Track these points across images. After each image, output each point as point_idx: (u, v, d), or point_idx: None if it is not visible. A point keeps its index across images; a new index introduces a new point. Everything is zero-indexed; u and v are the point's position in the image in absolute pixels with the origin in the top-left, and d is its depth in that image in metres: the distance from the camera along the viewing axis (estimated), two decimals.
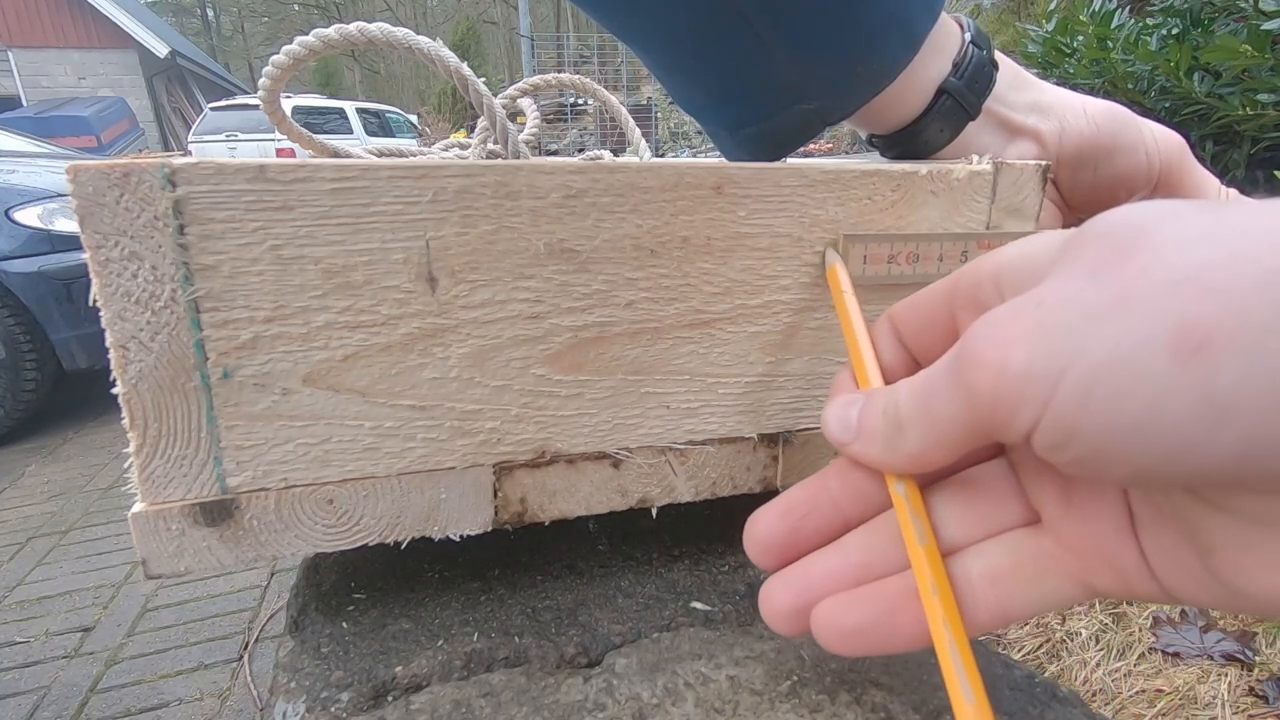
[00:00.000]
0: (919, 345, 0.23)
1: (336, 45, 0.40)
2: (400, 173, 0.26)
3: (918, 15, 0.32)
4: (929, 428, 0.18)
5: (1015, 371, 0.15)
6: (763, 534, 0.22)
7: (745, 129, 0.36)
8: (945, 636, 0.18)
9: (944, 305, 0.21)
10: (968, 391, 0.16)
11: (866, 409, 0.20)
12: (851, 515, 0.22)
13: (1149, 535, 0.17)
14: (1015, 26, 2.88)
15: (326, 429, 0.28)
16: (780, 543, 0.22)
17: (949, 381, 0.17)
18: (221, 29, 26.52)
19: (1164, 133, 0.36)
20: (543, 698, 0.28)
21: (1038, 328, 0.15)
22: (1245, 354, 0.13)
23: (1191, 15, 1.51)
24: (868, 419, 0.20)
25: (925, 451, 0.18)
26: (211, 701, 1.26)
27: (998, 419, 0.15)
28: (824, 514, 0.22)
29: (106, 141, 9.16)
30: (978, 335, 0.16)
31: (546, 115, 8.54)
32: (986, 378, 0.15)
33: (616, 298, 0.30)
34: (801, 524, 0.22)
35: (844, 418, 0.21)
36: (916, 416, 0.18)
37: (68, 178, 0.23)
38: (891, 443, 0.19)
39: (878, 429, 0.19)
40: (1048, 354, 0.14)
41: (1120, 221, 0.15)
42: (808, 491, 0.22)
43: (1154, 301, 0.14)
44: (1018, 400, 0.15)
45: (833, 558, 0.21)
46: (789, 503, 0.22)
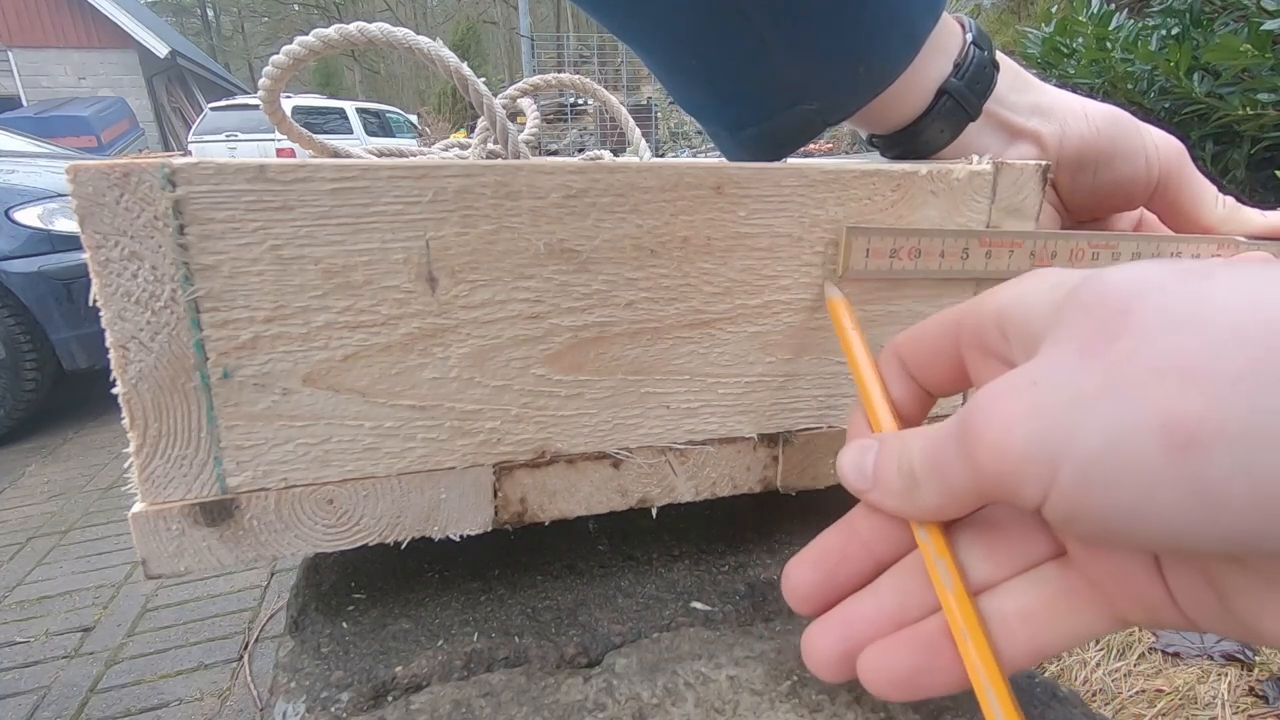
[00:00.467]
0: (926, 378, 0.23)
1: (336, 45, 0.40)
2: (400, 173, 0.26)
3: (919, 15, 0.32)
4: (942, 488, 0.18)
5: (1015, 453, 0.15)
6: (799, 584, 0.23)
7: (746, 129, 0.36)
8: (982, 680, 0.18)
9: (949, 342, 0.21)
10: (974, 465, 0.16)
11: (881, 459, 0.20)
12: (883, 556, 0.22)
13: (1172, 575, 0.17)
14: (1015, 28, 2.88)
15: (326, 429, 0.28)
16: (817, 591, 0.22)
17: (956, 450, 0.17)
18: (221, 29, 26.52)
19: (1164, 139, 0.36)
20: (543, 698, 0.28)
21: (1033, 409, 0.15)
22: (1230, 450, 0.13)
23: (1191, 15, 1.51)
24: (883, 470, 0.20)
25: (941, 507, 0.19)
26: (211, 701, 1.26)
27: (1005, 492, 0.16)
28: (856, 559, 0.22)
29: (106, 141, 9.16)
30: (979, 410, 0.16)
31: (546, 115, 8.53)
32: (989, 456, 0.16)
33: (616, 298, 0.30)
34: (835, 570, 0.22)
35: (860, 465, 0.21)
36: (929, 477, 0.18)
37: (68, 178, 0.23)
38: (908, 496, 0.19)
39: (893, 482, 0.20)
40: (1043, 437, 0.15)
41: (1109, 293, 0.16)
42: (838, 537, 0.22)
43: (1139, 391, 0.14)
44: (1021, 479, 0.15)
45: (869, 602, 0.21)
46: (821, 551, 0.23)
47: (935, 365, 0.22)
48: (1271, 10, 1.31)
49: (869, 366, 0.24)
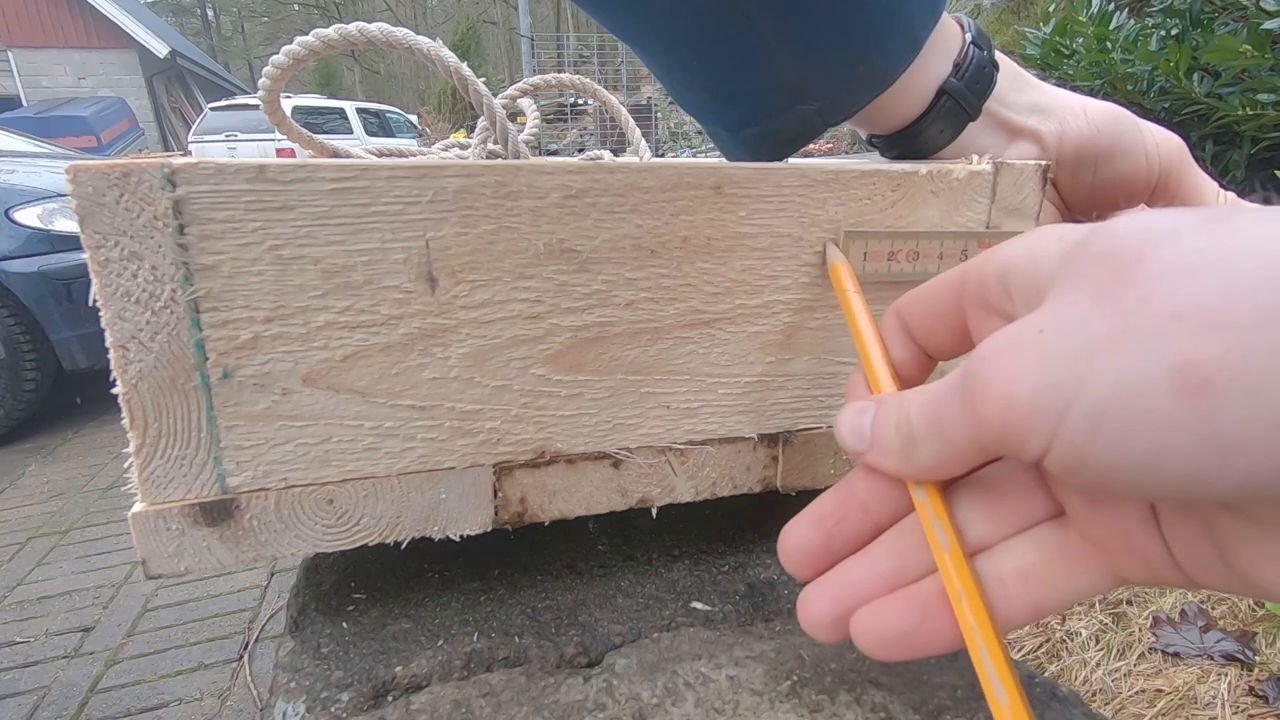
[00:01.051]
0: (928, 340, 0.23)
1: (336, 45, 0.40)
2: (400, 173, 0.26)
3: (920, 15, 0.32)
4: (941, 445, 0.18)
5: (1021, 403, 0.15)
6: (796, 545, 0.22)
7: (747, 129, 0.36)
8: (976, 641, 0.18)
9: (952, 300, 0.21)
10: (977, 419, 0.16)
11: (879, 419, 0.20)
12: (881, 518, 0.22)
13: (1171, 529, 0.17)
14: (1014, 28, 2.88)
15: (326, 429, 0.28)
16: (814, 552, 0.22)
17: (958, 404, 0.17)
18: (221, 29, 26.53)
19: (1164, 135, 0.36)
20: (543, 698, 0.28)
21: (1041, 358, 0.15)
22: (1247, 394, 0.13)
23: (1191, 15, 1.51)
24: (880, 430, 0.20)
25: (940, 465, 0.18)
26: (211, 701, 1.26)
27: (1008, 445, 0.16)
28: (854, 520, 0.22)
29: (106, 141, 9.17)
30: (984, 362, 0.16)
31: (546, 115, 8.54)
32: (994, 409, 0.16)
33: (616, 298, 0.30)
34: (833, 532, 0.22)
35: (857, 426, 0.21)
36: (928, 434, 0.18)
37: (68, 178, 0.23)
38: (906, 455, 0.19)
39: (891, 441, 0.19)
40: (1051, 386, 0.15)
41: (1120, 241, 0.15)
42: (835, 499, 0.22)
43: (1154, 336, 0.14)
44: (1026, 431, 0.15)
45: (865, 563, 0.21)
46: (818, 512, 0.22)
47: (938, 326, 0.22)
48: (1271, 10, 1.31)
49: (870, 329, 0.24)
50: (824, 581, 0.22)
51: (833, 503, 0.22)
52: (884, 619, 0.20)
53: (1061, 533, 0.19)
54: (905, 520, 0.21)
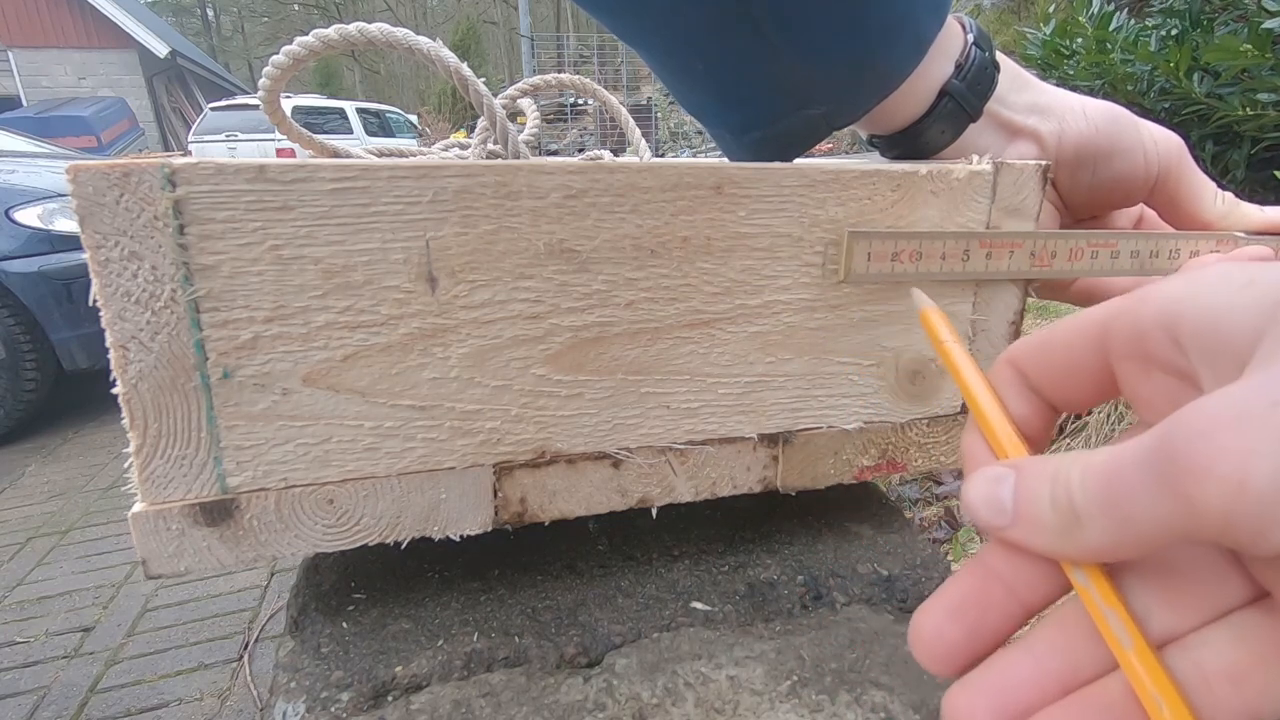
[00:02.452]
0: (1056, 392, 0.20)
1: (336, 45, 0.40)
2: (400, 173, 0.26)
3: (925, 18, 0.32)
4: (1119, 526, 0.15)
5: (1259, 490, 0.13)
6: (935, 639, 0.19)
7: (752, 133, 0.35)
8: None
9: (1093, 351, 0.18)
10: (1186, 504, 0.14)
11: (1023, 490, 0.17)
12: (1031, 601, 0.18)
13: None
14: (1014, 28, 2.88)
15: (326, 429, 0.28)
16: (959, 649, 0.19)
17: (1153, 484, 0.15)
18: (221, 29, 26.53)
19: (1163, 134, 0.36)
20: (543, 698, 0.28)
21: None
22: None
23: (1191, 15, 1.51)
24: (1028, 504, 0.17)
25: (1111, 548, 0.16)
26: (211, 701, 1.26)
27: (1229, 535, 0.14)
28: (1000, 607, 0.18)
29: (106, 141, 9.17)
30: (1196, 436, 0.14)
31: (546, 115, 8.54)
32: (1219, 495, 0.13)
33: (616, 298, 0.30)
34: (979, 622, 0.18)
35: (994, 499, 0.18)
36: (1102, 513, 0.16)
37: (68, 178, 0.23)
38: (1066, 534, 0.16)
39: (1045, 517, 0.17)
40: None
41: None
42: (974, 581, 0.19)
43: None
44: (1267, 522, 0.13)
45: (1026, 661, 0.18)
46: (955, 600, 0.19)
47: (1069, 378, 0.19)
48: (1271, 10, 1.31)
49: (982, 383, 0.21)
50: (977, 682, 0.18)
51: (971, 585, 0.19)
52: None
53: (1272, 622, 0.16)
54: (1065, 604, 0.18)
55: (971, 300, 0.35)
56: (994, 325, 0.36)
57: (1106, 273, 0.35)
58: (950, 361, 0.22)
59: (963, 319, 0.35)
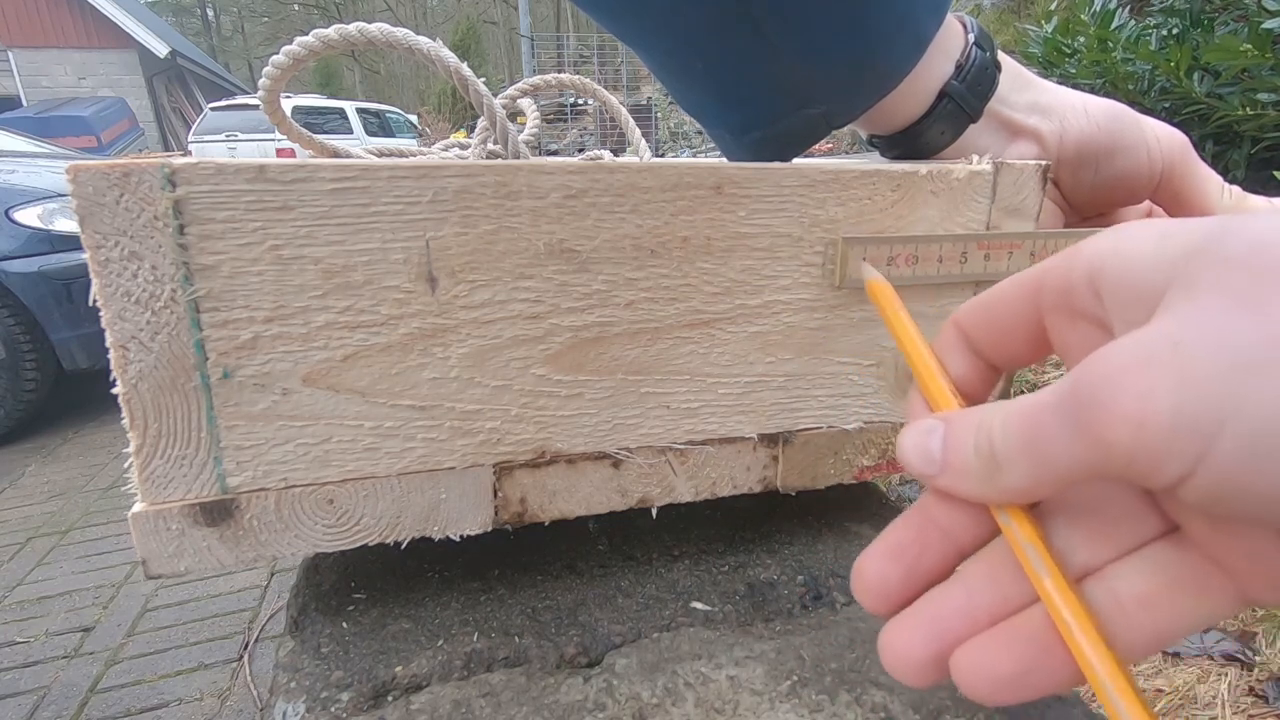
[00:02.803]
0: (995, 350, 0.21)
1: (336, 45, 0.40)
2: (400, 173, 0.26)
3: (925, 17, 0.32)
4: (1036, 467, 0.16)
5: (1159, 426, 0.14)
6: (875, 580, 0.20)
7: (751, 133, 0.35)
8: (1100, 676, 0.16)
9: (1027, 306, 0.19)
10: (1095, 441, 0.15)
11: (951, 439, 0.18)
12: (965, 543, 0.20)
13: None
14: (1015, 26, 2.88)
15: (326, 429, 0.28)
16: (898, 587, 0.20)
17: (1066, 425, 0.15)
18: (221, 29, 26.53)
19: (1166, 131, 0.36)
20: (543, 698, 0.28)
21: (1181, 376, 0.14)
22: None
23: (1191, 15, 1.51)
24: (955, 452, 0.18)
25: (1029, 489, 0.17)
26: (211, 701, 1.26)
27: (1134, 470, 0.14)
28: (936, 549, 0.20)
29: (106, 141, 9.16)
30: (1104, 379, 0.15)
31: (546, 115, 8.53)
32: (1124, 432, 0.14)
33: (616, 298, 0.30)
34: (916, 563, 0.19)
35: (924, 449, 0.19)
36: (1020, 454, 0.16)
37: (68, 178, 0.23)
38: (988, 478, 0.17)
39: (969, 463, 0.18)
40: (1198, 407, 0.13)
41: (1261, 243, 0.14)
42: (912, 526, 0.20)
43: None
44: (1164, 455, 0.14)
45: (959, 594, 0.19)
46: (894, 542, 0.20)
47: (1008, 334, 0.20)
48: (1271, 10, 1.31)
49: (922, 344, 0.22)
50: (913, 616, 0.19)
51: (910, 531, 0.20)
52: (995, 657, 0.17)
53: (1181, 554, 0.17)
54: (996, 544, 0.19)
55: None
56: None
57: None
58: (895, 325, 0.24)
59: None
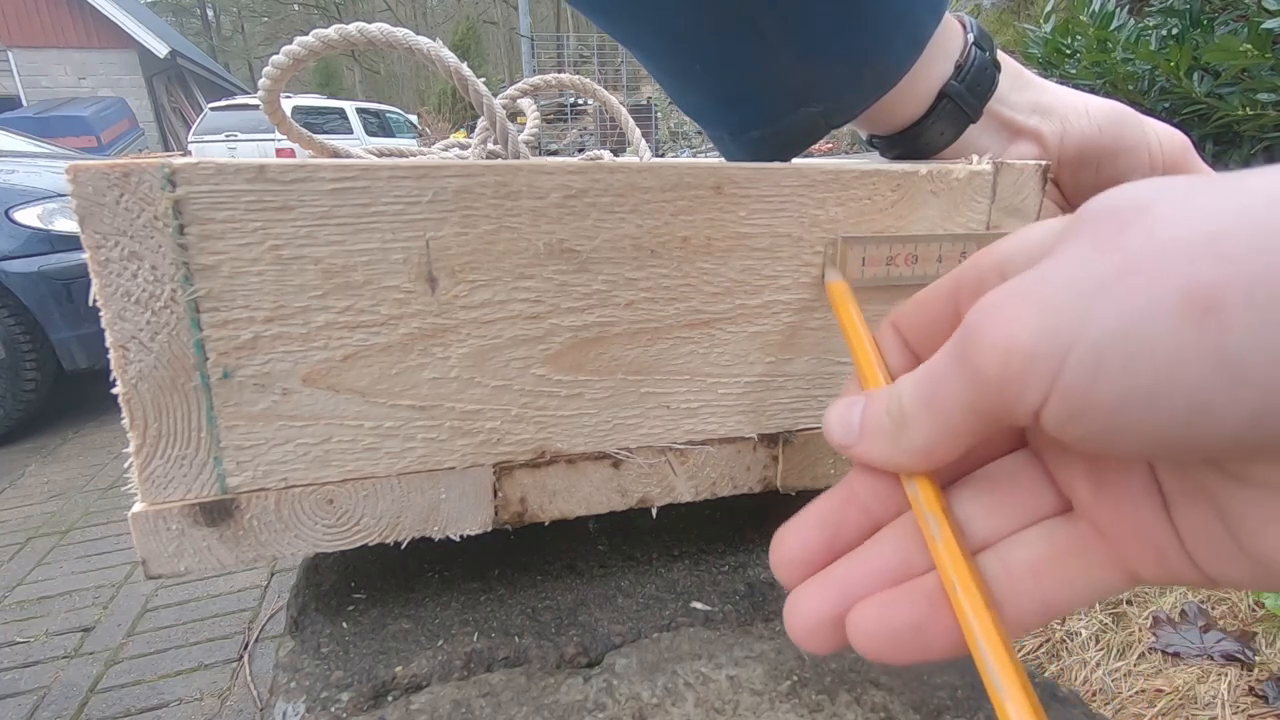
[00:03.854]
0: (926, 346, 0.22)
1: (336, 45, 0.40)
2: (400, 173, 0.26)
3: (923, 15, 0.32)
4: (934, 418, 0.17)
5: (1022, 348, 0.14)
6: (794, 549, 0.20)
7: (750, 132, 0.35)
8: (975, 632, 0.17)
9: (949, 302, 0.20)
10: (973, 374, 0.16)
11: (869, 409, 0.19)
12: (883, 519, 0.20)
13: (1180, 513, 0.17)
14: (1015, 26, 2.88)
15: (326, 429, 0.28)
16: (816, 557, 0.20)
17: (953, 367, 0.16)
18: (221, 29, 26.53)
19: (1167, 131, 0.36)
20: (543, 698, 0.28)
21: (1042, 303, 0.14)
22: (1257, 315, 0.12)
23: (1191, 15, 1.51)
24: (870, 418, 0.19)
25: (932, 444, 0.17)
26: (211, 701, 1.26)
27: (1006, 400, 0.15)
28: (855, 523, 0.20)
29: (106, 141, 9.16)
30: (980, 315, 0.16)
31: (546, 115, 8.53)
32: (993, 358, 0.15)
33: (616, 298, 0.30)
34: (836, 535, 0.20)
35: (845, 420, 0.20)
36: (921, 409, 0.17)
37: (68, 178, 0.23)
38: (896, 440, 0.18)
39: (882, 427, 0.19)
40: (1053, 328, 0.14)
41: (1123, 196, 0.15)
42: (835, 500, 0.21)
43: (1160, 265, 0.13)
44: (1025, 378, 0.14)
45: (863, 559, 0.19)
46: (818, 514, 0.21)
47: (935, 331, 0.21)
48: (1271, 10, 1.31)
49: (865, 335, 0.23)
50: (816, 580, 0.20)
51: (832, 504, 0.21)
52: (886, 614, 0.18)
53: (1072, 526, 0.18)
54: (907, 515, 0.20)
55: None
56: None
57: None
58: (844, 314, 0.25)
59: None
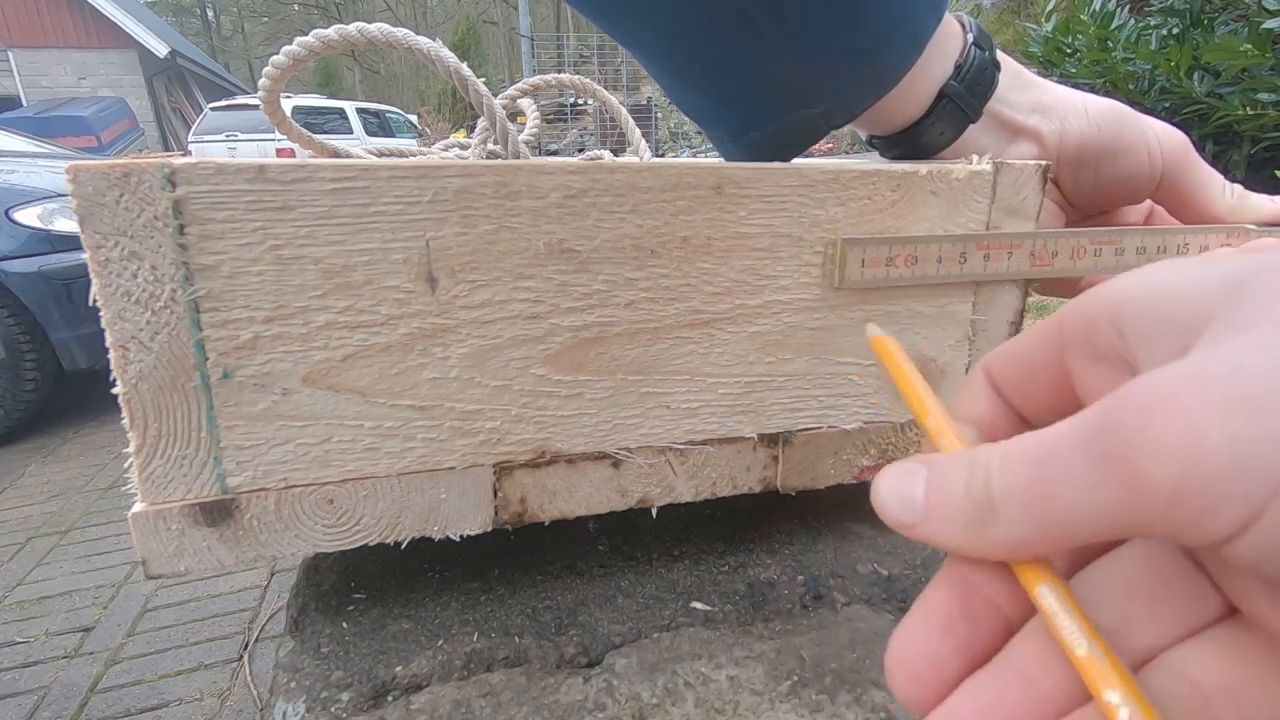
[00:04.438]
0: (1022, 398, 0.19)
1: (336, 45, 0.40)
2: (400, 173, 0.26)
3: (923, 15, 0.32)
4: (1042, 514, 0.14)
5: (1212, 463, 0.11)
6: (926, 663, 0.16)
7: (750, 133, 0.35)
8: None
9: (1050, 350, 0.17)
10: (1128, 482, 0.12)
11: (936, 480, 0.16)
12: (1015, 616, 0.16)
13: None
14: (1015, 25, 2.88)
15: (326, 429, 0.28)
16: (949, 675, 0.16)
17: (1088, 463, 0.13)
18: (221, 29, 26.54)
19: (1166, 130, 0.36)
20: (543, 698, 0.28)
21: (1242, 405, 0.12)
22: None
23: (1191, 15, 1.51)
24: (940, 496, 0.16)
25: (1030, 542, 0.14)
26: (211, 701, 1.26)
27: (1178, 519, 0.12)
28: (988, 623, 0.16)
29: (106, 141, 9.16)
30: (1142, 410, 0.12)
31: (546, 115, 8.54)
32: (1165, 468, 0.12)
33: (616, 298, 0.30)
34: (970, 642, 0.16)
35: (903, 494, 0.16)
36: (1023, 500, 0.14)
37: (68, 178, 0.23)
38: (979, 526, 0.15)
39: (957, 508, 0.15)
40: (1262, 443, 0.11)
41: None
42: (953, 594, 0.16)
43: None
44: (1215, 501, 0.12)
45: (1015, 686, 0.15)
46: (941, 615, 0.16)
47: (1033, 381, 0.18)
48: (1271, 10, 1.31)
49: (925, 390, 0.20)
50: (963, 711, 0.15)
51: (951, 599, 0.16)
52: None
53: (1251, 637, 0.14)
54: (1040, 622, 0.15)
55: (971, 300, 0.35)
56: (994, 325, 0.36)
57: (1112, 270, 0.35)
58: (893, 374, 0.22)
59: (962, 319, 0.35)
